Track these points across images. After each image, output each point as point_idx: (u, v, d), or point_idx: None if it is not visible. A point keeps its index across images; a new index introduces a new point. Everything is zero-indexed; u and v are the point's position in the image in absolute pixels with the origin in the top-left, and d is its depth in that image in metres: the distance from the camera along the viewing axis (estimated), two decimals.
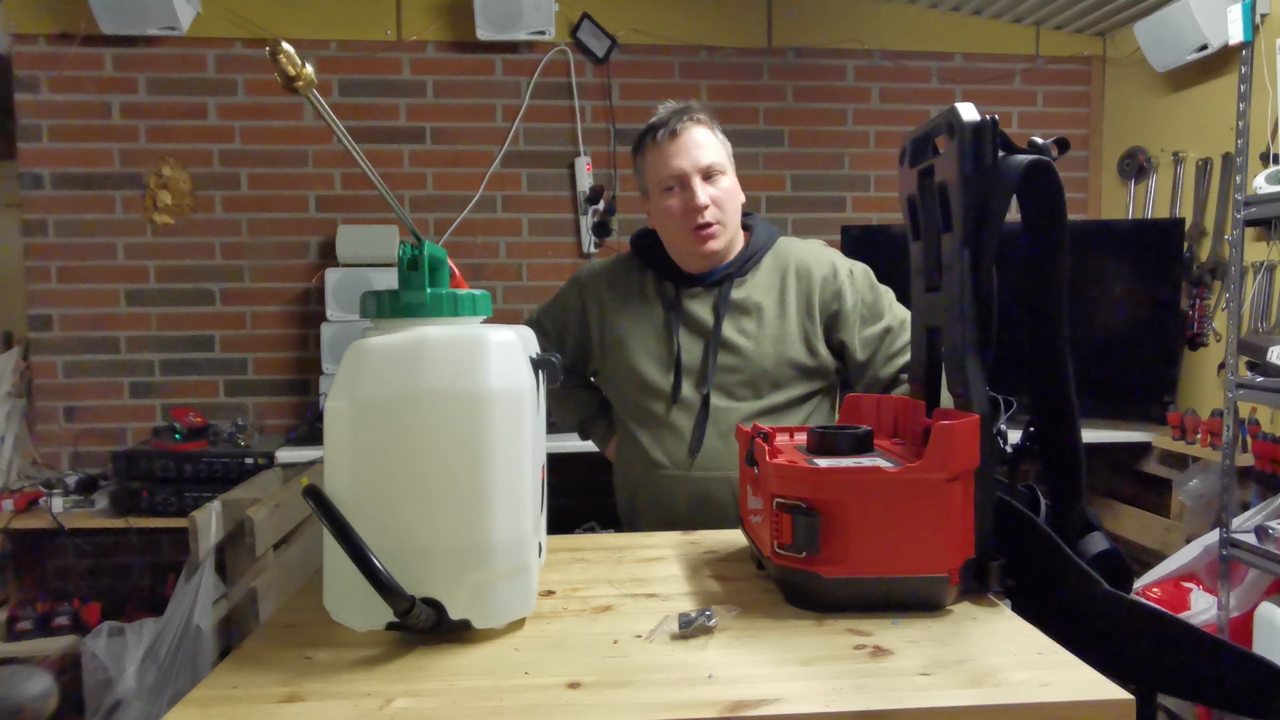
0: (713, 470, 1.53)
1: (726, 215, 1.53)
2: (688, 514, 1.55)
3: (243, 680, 0.75)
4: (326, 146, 3.17)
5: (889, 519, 0.84)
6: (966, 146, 0.90)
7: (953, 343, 0.94)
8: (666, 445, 1.56)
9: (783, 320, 1.54)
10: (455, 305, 0.85)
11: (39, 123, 3.05)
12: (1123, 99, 3.36)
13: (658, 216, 1.56)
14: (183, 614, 2.24)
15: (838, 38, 3.32)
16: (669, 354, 1.56)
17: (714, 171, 1.51)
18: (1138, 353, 2.96)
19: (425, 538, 0.79)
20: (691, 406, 1.55)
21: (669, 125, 1.51)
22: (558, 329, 1.71)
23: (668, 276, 1.60)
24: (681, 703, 0.69)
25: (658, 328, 1.59)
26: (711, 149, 1.52)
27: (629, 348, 1.59)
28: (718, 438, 1.53)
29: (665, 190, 1.53)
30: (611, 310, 1.63)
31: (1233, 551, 2.22)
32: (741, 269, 1.57)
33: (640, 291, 1.62)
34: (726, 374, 1.54)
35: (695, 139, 1.51)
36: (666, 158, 1.51)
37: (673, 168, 1.50)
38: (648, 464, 1.58)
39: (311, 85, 0.70)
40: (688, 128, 1.51)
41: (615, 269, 1.67)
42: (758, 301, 1.55)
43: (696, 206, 1.49)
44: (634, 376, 1.59)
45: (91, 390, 3.12)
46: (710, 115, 1.56)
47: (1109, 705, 0.68)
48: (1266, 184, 2.28)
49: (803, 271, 1.57)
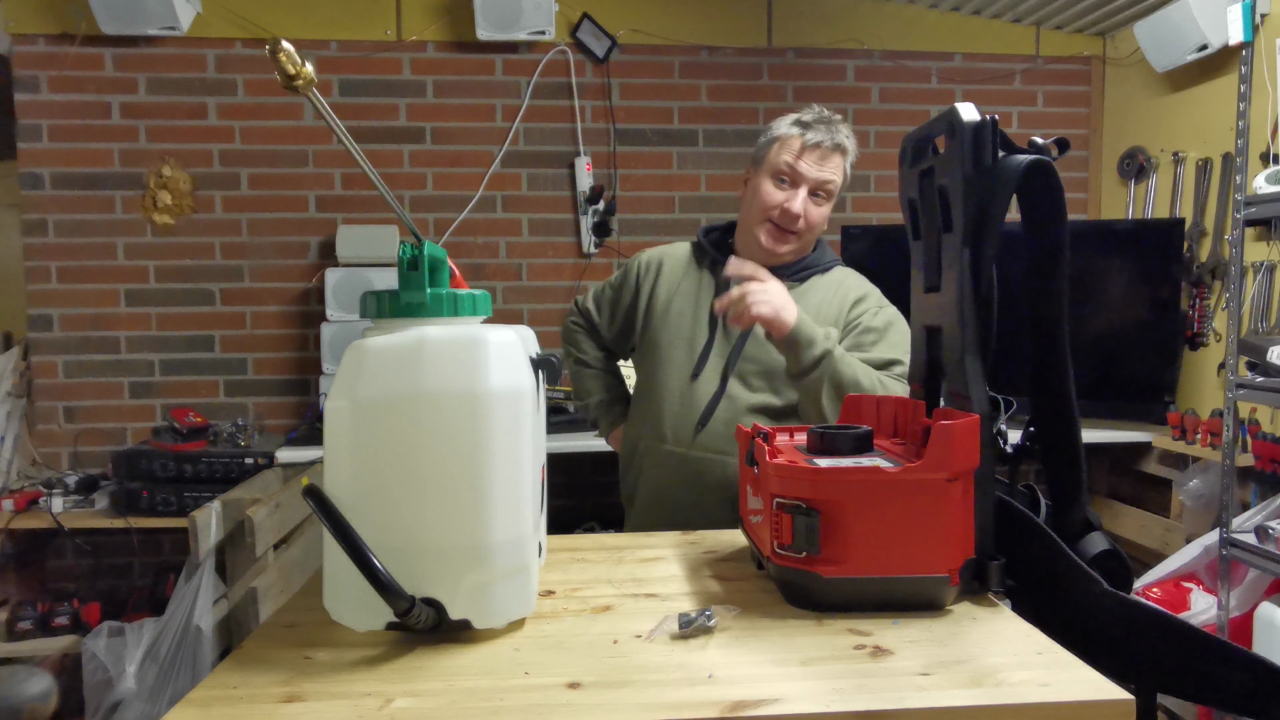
0: (710, 452, 1.57)
1: (809, 234, 1.61)
2: (680, 493, 1.59)
3: (243, 680, 0.75)
4: (326, 146, 3.17)
5: (889, 519, 0.84)
6: (966, 147, 0.90)
7: (953, 343, 0.94)
8: (675, 420, 1.60)
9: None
10: (455, 305, 0.85)
11: (39, 123, 3.05)
12: (1123, 99, 3.36)
13: (753, 190, 1.62)
14: (183, 614, 2.24)
15: (838, 38, 3.32)
16: (704, 334, 1.62)
17: (824, 192, 1.58)
18: (1138, 353, 2.96)
19: (425, 538, 0.79)
20: (710, 386, 1.58)
21: (820, 135, 1.56)
22: (613, 303, 1.78)
23: (724, 262, 1.63)
24: (681, 703, 0.69)
25: (699, 307, 1.64)
26: (835, 173, 1.59)
27: (667, 322, 1.66)
28: (723, 422, 1.56)
29: (776, 177, 1.58)
30: (661, 286, 1.70)
31: (1233, 551, 2.22)
32: (793, 275, 1.62)
33: (693, 273, 1.69)
34: (747, 363, 1.58)
35: (832, 162, 1.58)
36: (797, 156, 1.56)
37: (796, 169, 1.56)
38: (655, 436, 1.63)
39: (311, 84, 0.70)
40: (831, 154, 1.57)
41: (675, 250, 1.75)
42: (796, 302, 1.58)
43: (791, 213, 1.56)
44: (661, 350, 1.64)
45: (91, 390, 3.12)
46: (854, 145, 1.62)
47: (1109, 705, 0.68)
48: (1266, 184, 2.28)
49: (843, 289, 1.62)
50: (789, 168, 1.56)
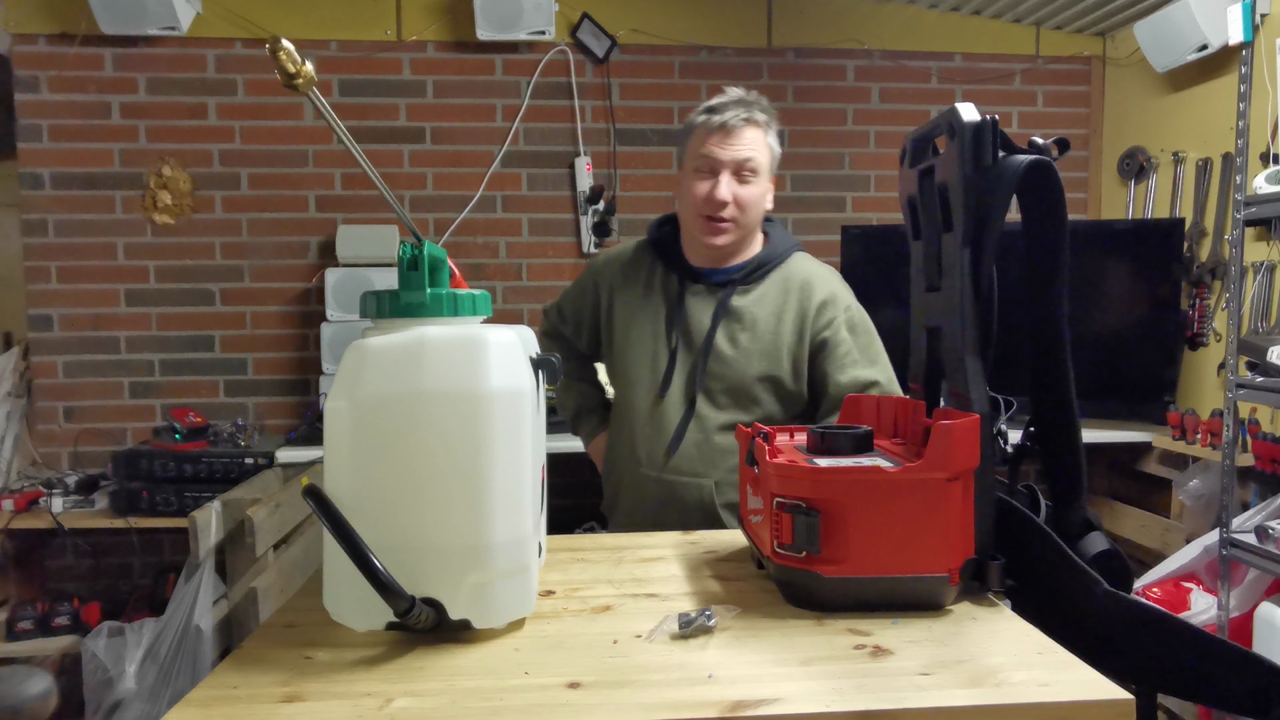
0: (684, 475, 1.53)
1: (744, 216, 1.53)
2: (657, 515, 1.55)
3: (243, 680, 0.75)
4: (326, 146, 3.17)
5: (889, 519, 0.84)
6: (967, 147, 0.90)
7: (953, 343, 0.94)
8: (647, 443, 1.57)
9: (776, 336, 1.54)
10: (455, 305, 0.85)
11: (39, 123, 3.05)
12: (1123, 99, 3.36)
13: (681, 193, 1.58)
14: (183, 614, 2.24)
15: (838, 38, 3.32)
16: (665, 351, 1.57)
17: (747, 170, 1.52)
18: (1138, 353, 2.96)
19: (425, 538, 0.79)
20: (677, 408, 1.55)
21: (725, 117, 1.51)
22: (575, 313, 1.74)
23: (675, 270, 1.60)
24: (681, 703, 0.69)
25: (657, 324, 1.59)
26: (755, 149, 1.52)
27: (629, 339, 1.61)
28: (694, 444, 1.53)
29: (697, 171, 1.54)
30: (620, 299, 1.64)
31: (1233, 551, 2.21)
32: (747, 277, 1.57)
33: (648, 283, 1.63)
34: (712, 380, 1.54)
35: (744, 138, 1.52)
36: (709, 145, 1.52)
37: (710, 155, 1.51)
38: (630, 459, 1.60)
39: (311, 83, 0.70)
40: (741, 128, 1.51)
41: (629, 257, 1.68)
42: (755, 314, 1.54)
43: (717, 200, 1.50)
44: (628, 369, 1.61)
45: (91, 390, 3.12)
46: (770, 117, 1.56)
47: (1109, 705, 0.68)
48: (1266, 184, 2.28)
49: (805, 291, 1.55)
50: (703, 156, 1.52)
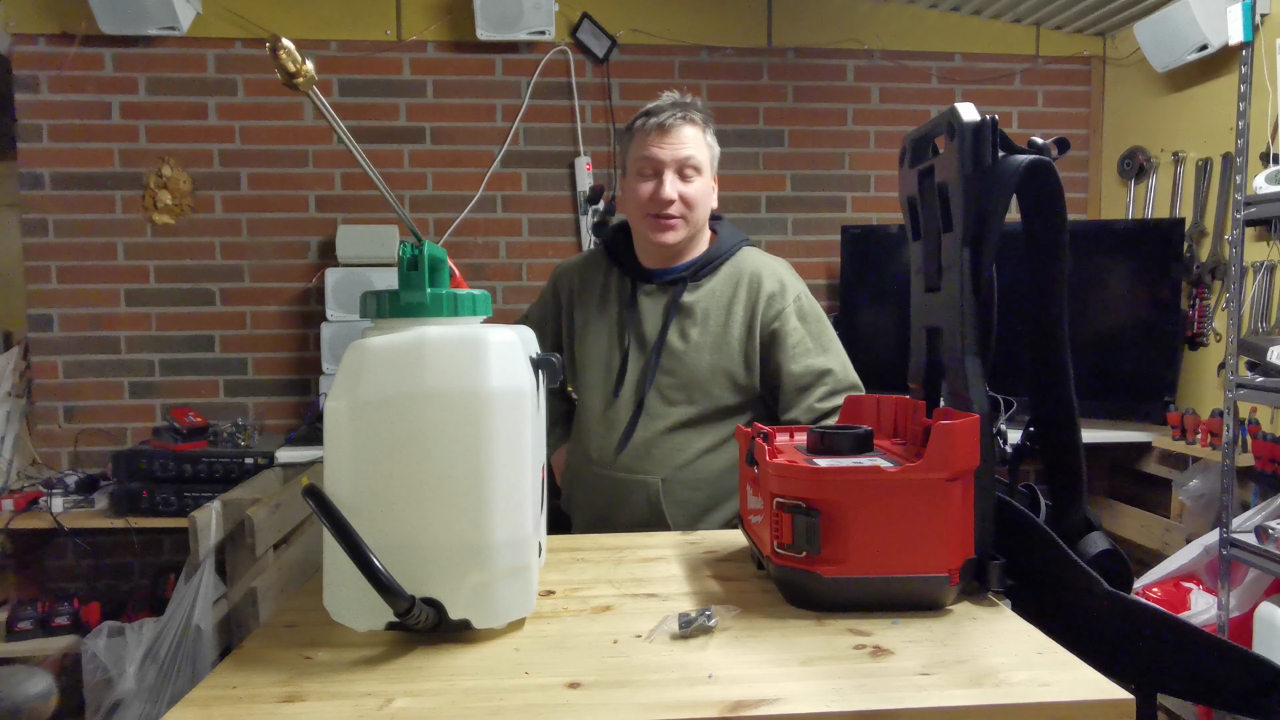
0: (632, 473, 1.54)
1: (690, 213, 1.55)
2: (607, 513, 1.57)
3: (243, 680, 0.75)
4: (326, 146, 3.17)
5: (889, 519, 0.84)
6: (966, 146, 0.90)
7: (952, 343, 0.94)
8: (599, 441, 1.59)
9: (726, 329, 1.55)
10: (455, 305, 0.85)
11: (39, 123, 3.05)
12: (1123, 99, 3.36)
13: (627, 197, 1.60)
14: (183, 614, 2.24)
15: (838, 38, 3.32)
16: (618, 353, 1.60)
17: (689, 168, 1.54)
18: (1138, 353, 2.96)
19: (425, 538, 0.79)
20: (628, 407, 1.57)
21: (661, 118, 1.53)
22: (540, 322, 1.77)
23: (629, 273, 1.63)
24: (681, 703, 0.69)
25: (611, 325, 1.62)
26: (694, 147, 1.54)
27: (585, 341, 1.64)
28: (642, 441, 1.54)
29: (639, 174, 1.56)
30: (578, 304, 1.68)
31: (1233, 551, 2.21)
32: (697, 273, 1.59)
33: (603, 287, 1.66)
34: (664, 376, 1.56)
35: (682, 136, 1.53)
36: (649, 146, 1.54)
37: (651, 156, 1.53)
38: (583, 457, 1.63)
39: (312, 82, 0.70)
40: (678, 126, 1.53)
41: (587, 263, 1.72)
42: (705, 308, 1.56)
43: (661, 199, 1.52)
44: (584, 373, 1.64)
45: (91, 390, 3.12)
46: (706, 117, 1.58)
47: (1109, 705, 0.68)
48: (1266, 184, 2.28)
49: (754, 283, 1.57)
50: (645, 158, 1.54)
